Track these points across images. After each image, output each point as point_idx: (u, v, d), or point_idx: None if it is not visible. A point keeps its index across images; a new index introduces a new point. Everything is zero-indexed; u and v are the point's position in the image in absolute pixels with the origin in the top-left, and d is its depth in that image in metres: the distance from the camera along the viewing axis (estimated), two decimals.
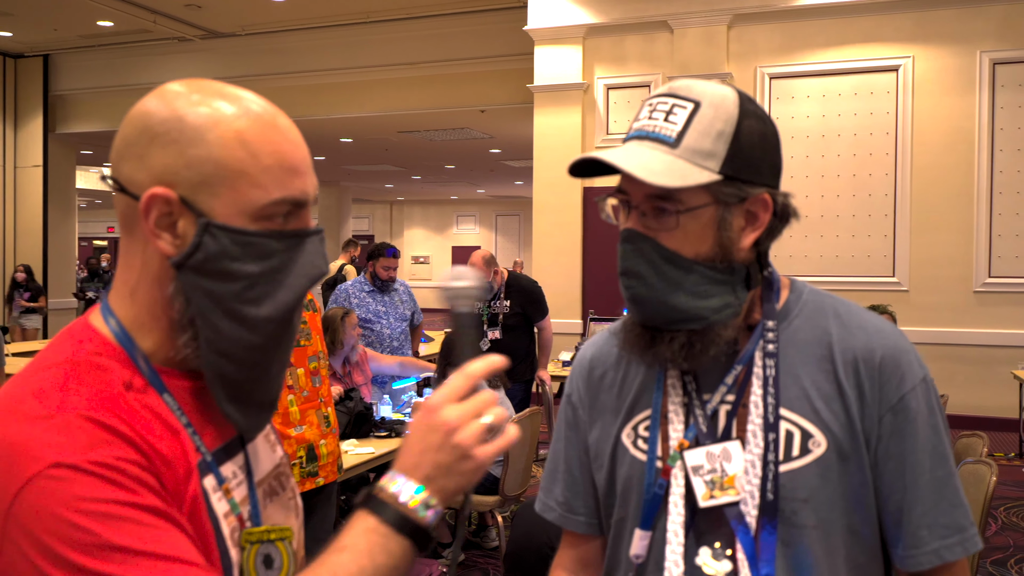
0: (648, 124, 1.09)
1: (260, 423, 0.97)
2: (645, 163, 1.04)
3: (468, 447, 0.88)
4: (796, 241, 8.42)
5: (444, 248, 26.69)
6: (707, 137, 1.06)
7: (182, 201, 0.86)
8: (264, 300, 0.89)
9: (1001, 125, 7.87)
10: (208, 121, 0.87)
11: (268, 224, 0.89)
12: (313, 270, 0.94)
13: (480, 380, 0.92)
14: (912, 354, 1.12)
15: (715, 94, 1.08)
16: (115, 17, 11.14)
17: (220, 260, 0.87)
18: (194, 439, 0.90)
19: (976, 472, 3.13)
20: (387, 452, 4.36)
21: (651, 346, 1.10)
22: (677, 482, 1.11)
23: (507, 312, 5.70)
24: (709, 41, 8.50)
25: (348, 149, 15.01)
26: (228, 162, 0.87)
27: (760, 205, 1.10)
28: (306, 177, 0.93)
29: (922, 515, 1.08)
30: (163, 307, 0.90)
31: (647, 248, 1.07)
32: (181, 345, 0.91)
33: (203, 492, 0.88)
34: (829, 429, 1.08)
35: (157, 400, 0.88)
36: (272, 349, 0.93)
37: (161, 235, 0.88)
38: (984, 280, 7.91)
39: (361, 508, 0.88)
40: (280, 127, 0.91)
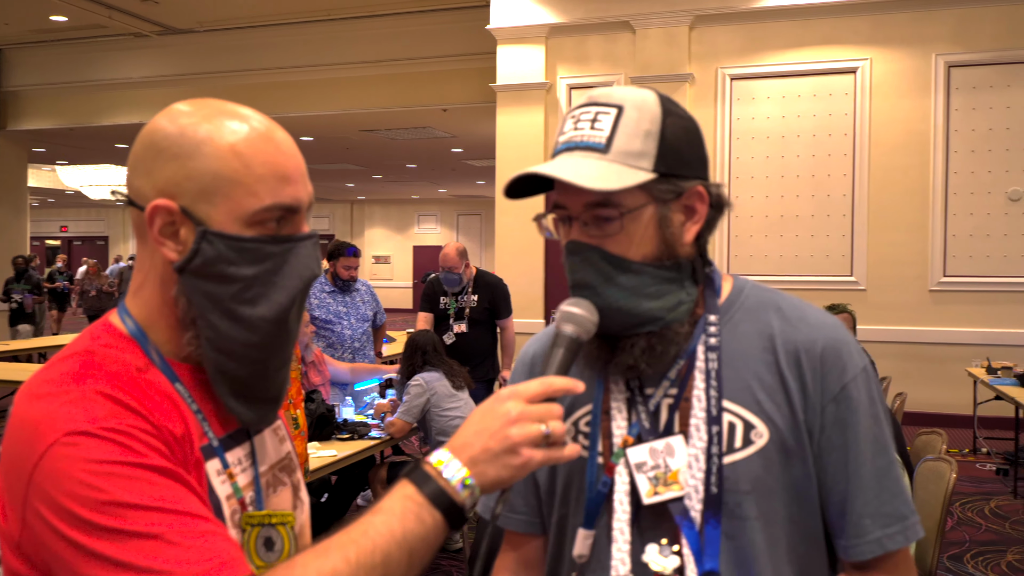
0: (575, 135, 1.10)
1: (264, 418, 1.03)
2: (580, 171, 1.05)
3: (519, 443, 0.92)
4: (756, 241, 8.50)
5: (405, 248, 26.58)
6: (636, 138, 1.07)
7: (183, 211, 0.94)
8: (260, 301, 0.96)
9: (956, 127, 8.01)
10: (207, 136, 0.95)
11: (262, 230, 0.96)
12: (306, 272, 1.00)
13: (557, 393, 0.96)
14: (852, 345, 1.13)
15: (635, 97, 1.10)
16: (69, 12, 10.91)
17: (217, 264, 0.94)
18: (203, 425, 0.97)
19: (936, 469, 3.17)
20: (350, 454, 4.31)
21: (613, 356, 1.11)
22: (622, 479, 1.11)
23: (474, 307, 5.69)
24: (671, 42, 8.55)
25: (309, 148, 14.87)
26: (224, 172, 0.94)
27: (696, 198, 1.12)
28: (298, 185, 0.99)
29: (864, 504, 1.09)
30: (169, 307, 0.98)
31: (594, 257, 1.08)
32: (185, 343, 0.98)
33: (206, 474, 0.94)
34: (771, 420, 1.09)
35: (169, 387, 0.95)
36: (269, 347, 0.99)
37: (165, 243, 0.95)
38: (939, 279, 8.06)
39: (405, 476, 0.92)
40: (274, 139, 0.98)
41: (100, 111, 12.65)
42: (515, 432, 0.92)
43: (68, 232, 29.11)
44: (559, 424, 0.94)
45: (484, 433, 0.93)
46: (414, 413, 4.65)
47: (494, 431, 0.92)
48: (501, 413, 0.93)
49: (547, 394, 0.95)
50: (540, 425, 0.93)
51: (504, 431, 0.92)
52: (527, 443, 0.92)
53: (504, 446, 0.92)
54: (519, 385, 0.96)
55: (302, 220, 1.01)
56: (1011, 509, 5.73)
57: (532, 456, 0.92)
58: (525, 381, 0.97)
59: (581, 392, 0.99)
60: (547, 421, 0.93)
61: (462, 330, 5.63)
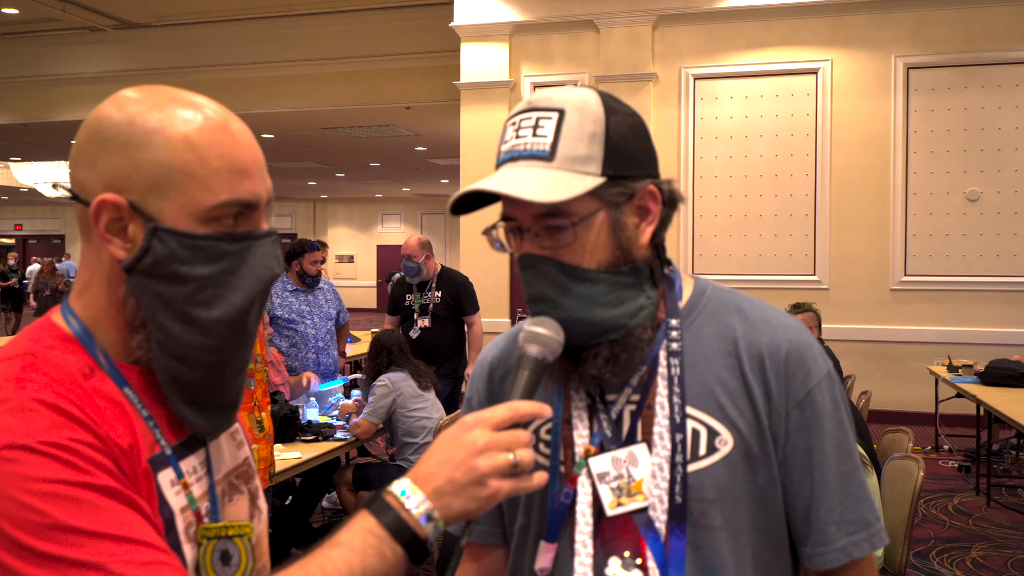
0: (517, 144, 1.05)
1: (219, 426, 0.97)
2: (526, 183, 1.00)
3: (486, 474, 0.88)
4: (719, 240, 8.54)
5: (369, 247, 26.42)
6: (580, 142, 1.02)
7: (131, 206, 0.87)
8: (215, 303, 0.90)
9: (915, 128, 8.11)
10: (157, 125, 0.88)
11: (218, 227, 0.90)
12: (266, 271, 0.93)
13: (524, 419, 0.92)
14: (816, 348, 1.10)
15: (576, 98, 1.05)
16: (21, 4, 10.65)
17: (169, 263, 0.88)
18: (154, 432, 0.90)
19: (904, 467, 3.19)
20: (314, 456, 4.24)
21: (576, 368, 1.07)
22: (584, 490, 1.08)
23: (437, 303, 5.69)
24: (634, 41, 8.56)
25: (269, 145, 14.70)
26: (175, 165, 0.88)
27: (649, 197, 1.07)
28: (256, 179, 0.93)
29: (829, 511, 1.07)
30: (117, 308, 0.91)
31: (549, 269, 1.04)
32: (135, 346, 0.91)
33: (157, 486, 0.88)
34: (735, 426, 1.06)
35: (117, 392, 0.89)
36: (225, 352, 0.92)
37: (112, 240, 0.89)
38: (900, 278, 8.15)
39: (365, 507, 0.88)
40: (230, 130, 0.92)
41: (54, 106, 12.38)
42: (482, 462, 0.88)
43: (23, 231, 28.51)
44: (527, 452, 0.90)
45: (449, 463, 0.88)
46: (380, 414, 4.58)
47: (459, 461, 0.88)
48: (467, 442, 0.89)
49: (514, 420, 0.92)
50: (508, 454, 0.89)
51: (470, 461, 0.88)
52: (494, 474, 0.88)
53: (471, 477, 0.88)
54: (485, 412, 0.92)
55: (260, 217, 0.94)
56: (974, 506, 5.80)
57: (500, 487, 0.89)
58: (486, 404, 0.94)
59: (548, 416, 0.95)
60: (515, 449, 0.90)
61: (426, 325, 5.63)
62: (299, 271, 5.48)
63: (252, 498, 1.07)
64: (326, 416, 4.98)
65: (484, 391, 1.24)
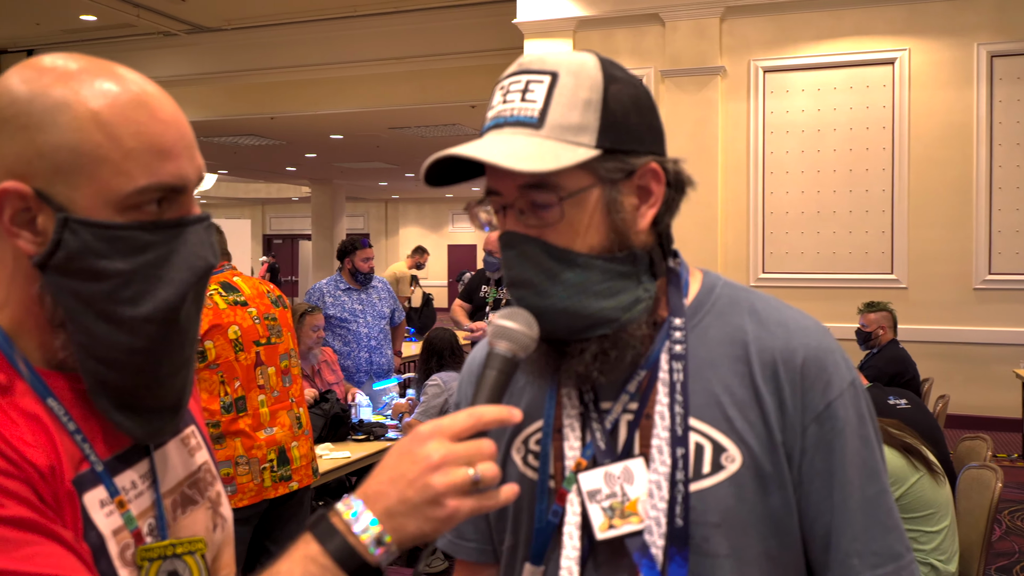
0: (504, 109, 0.94)
1: (159, 430, 0.87)
2: (509, 150, 0.89)
3: (442, 493, 0.77)
4: (791, 238, 8.26)
5: (440, 247, 26.55)
6: (574, 109, 0.91)
7: (38, 195, 0.78)
8: (141, 299, 0.81)
9: (999, 119, 7.71)
10: (60, 102, 0.78)
11: (138, 215, 0.81)
12: (198, 262, 0.84)
13: (489, 426, 0.81)
14: (839, 354, 0.98)
15: (572, 61, 0.94)
16: (98, 11, 10.95)
17: (85, 258, 0.79)
18: (82, 447, 0.81)
19: (980, 477, 2.98)
20: (364, 456, 4.21)
21: (559, 364, 0.94)
22: (573, 509, 0.96)
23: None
24: (701, 34, 8.34)
25: (339, 146, 14.86)
26: (84, 148, 0.78)
27: (650, 176, 0.95)
28: (181, 160, 0.83)
29: (852, 540, 0.94)
30: (36, 306, 0.82)
31: (532, 250, 0.92)
32: (59, 347, 0.83)
33: (82, 508, 0.79)
34: (744, 441, 0.94)
35: (37, 405, 0.80)
36: (157, 352, 0.83)
37: (20, 233, 0.80)
38: (984, 277, 7.75)
39: (308, 529, 0.78)
40: (148, 104, 0.82)
41: None
42: (438, 480, 0.77)
43: None
44: (490, 466, 0.78)
45: (401, 480, 0.77)
46: (431, 414, 4.52)
47: (412, 478, 0.77)
48: (421, 456, 0.78)
49: (476, 428, 0.80)
50: (467, 469, 0.77)
51: (424, 478, 0.77)
52: (452, 492, 0.77)
53: (425, 496, 0.76)
54: (443, 420, 0.80)
55: (190, 201, 0.85)
56: None
57: (459, 506, 0.77)
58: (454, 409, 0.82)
59: (517, 421, 0.82)
60: (476, 463, 0.78)
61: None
62: (351, 269, 5.46)
63: (213, 507, 0.97)
64: (379, 415, 4.94)
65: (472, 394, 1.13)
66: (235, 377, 3.08)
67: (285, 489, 3.22)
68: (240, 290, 3.26)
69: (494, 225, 0.98)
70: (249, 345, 3.16)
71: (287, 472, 3.23)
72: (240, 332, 3.14)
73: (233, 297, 3.20)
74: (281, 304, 3.40)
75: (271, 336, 3.26)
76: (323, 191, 19.54)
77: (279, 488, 3.20)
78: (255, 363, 3.18)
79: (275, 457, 3.19)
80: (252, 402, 3.16)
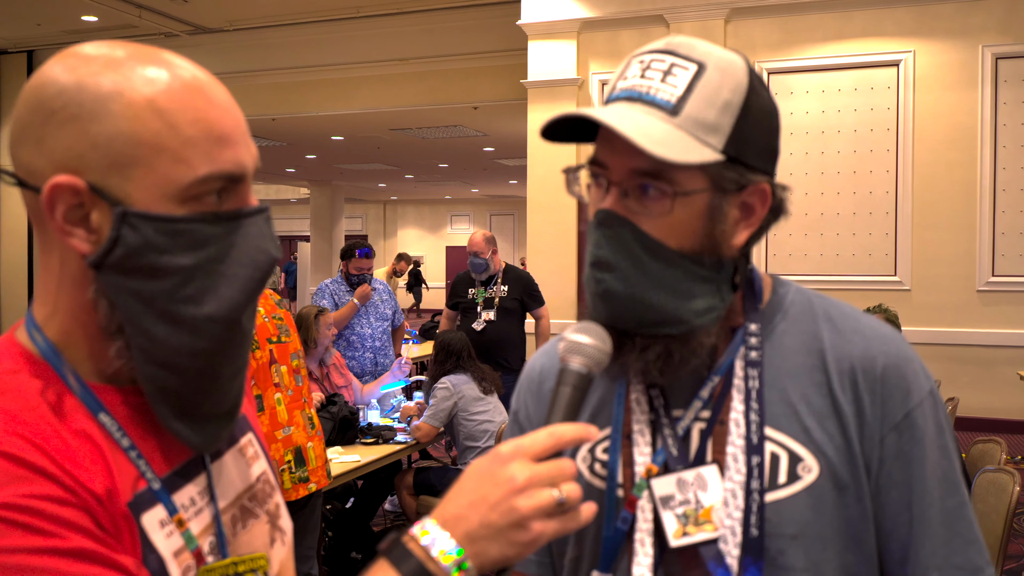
0: (640, 84, 0.90)
1: (216, 437, 0.83)
2: (641, 128, 0.85)
3: (528, 516, 0.74)
4: (795, 239, 8.25)
5: (438, 248, 26.53)
6: (712, 107, 0.88)
7: (92, 189, 0.73)
8: (204, 297, 0.76)
9: (1004, 121, 7.71)
10: (112, 91, 0.73)
11: (199, 206, 0.76)
12: (261, 256, 0.79)
13: (568, 445, 0.78)
14: (918, 363, 0.96)
15: (722, 57, 0.91)
16: (100, 12, 10.92)
17: (145, 254, 0.74)
18: (138, 464, 0.77)
19: (997, 481, 2.96)
20: (373, 460, 4.19)
21: (618, 355, 0.91)
22: (644, 516, 0.94)
23: (504, 296, 5.70)
24: (706, 35, 8.31)
25: (339, 147, 14.83)
26: (142, 136, 0.73)
27: (758, 196, 0.94)
28: (239, 147, 0.79)
29: (931, 554, 0.91)
30: (88, 314, 0.77)
31: (626, 235, 0.90)
32: (113, 356, 0.78)
33: (140, 531, 0.75)
34: (822, 451, 0.91)
35: (90, 423, 0.75)
36: (220, 354, 0.79)
37: (73, 231, 0.75)
38: (987, 279, 7.75)
39: (383, 554, 0.75)
40: (204, 91, 0.78)
41: None
42: (523, 503, 0.73)
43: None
44: (574, 487, 0.76)
45: (483, 504, 0.74)
46: (441, 417, 4.50)
47: (496, 501, 0.74)
48: (504, 478, 0.74)
49: (557, 448, 0.77)
50: (552, 491, 0.75)
51: (509, 501, 0.73)
52: (538, 515, 0.74)
53: (509, 520, 0.73)
54: (523, 440, 0.77)
55: (248, 191, 0.80)
56: None
57: (544, 529, 0.74)
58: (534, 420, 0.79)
59: (595, 439, 0.81)
60: (559, 484, 0.75)
61: (491, 318, 5.64)
62: (346, 271, 5.50)
63: (272, 520, 0.93)
64: (387, 418, 4.92)
65: (533, 405, 1.10)
66: (251, 375, 3.07)
67: (305, 491, 3.21)
68: None
69: (585, 197, 0.96)
70: (264, 343, 3.16)
71: (304, 473, 3.21)
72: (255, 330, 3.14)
73: None
74: (284, 305, 3.42)
75: (280, 335, 3.26)
76: (322, 192, 19.51)
77: (299, 490, 3.19)
78: (270, 361, 3.18)
79: (292, 458, 3.18)
80: (269, 400, 3.15)
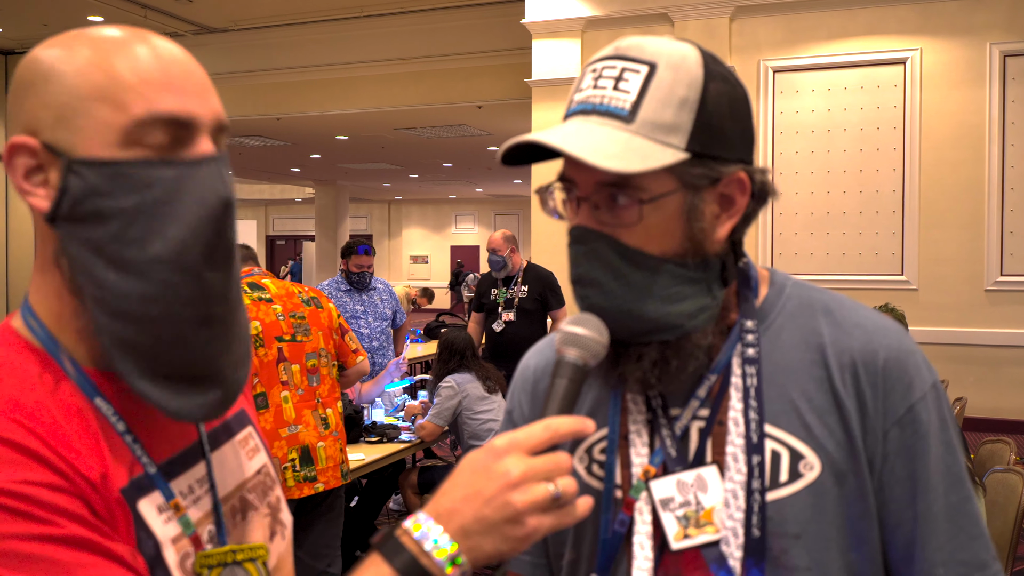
0: (594, 95, 0.89)
1: (197, 404, 0.79)
2: (595, 144, 0.84)
3: (523, 511, 0.73)
4: (802, 238, 8.22)
5: (443, 248, 26.53)
6: (668, 107, 0.86)
7: (45, 147, 0.76)
8: (149, 238, 0.75)
9: (1012, 119, 7.66)
10: (66, 53, 0.77)
11: (144, 151, 0.76)
12: (212, 195, 0.77)
13: (564, 439, 0.77)
14: (919, 356, 0.94)
15: (673, 53, 0.88)
16: (105, 12, 10.94)
17: (90, 199, 0.75)
18: (133, 449, 0.77)
19: (1006, 482, 2.93)
20: (378, 458, 4.17)
21: (616, 366, 0.90)
22: (643, 518, 0.92)
23: (524, 296, 5.65)
24: (711, 34, 8.30)
25: (344, 147, 14.84)
26: (83, 89, 0.76)
27: (736, 186, 0.91)
28: (187, 95, 0.78)
29: (936, 550, 0.90)
30: (61, 281, 0.78)
31: (603, 248, 0.88)
32: (84, 325, 0.78)
33: (136, 517, 0.75)
34: (823, 448, 0.90)
35: (87, 407, 0.76)
36: (172, 300, 0.76)
37: (33, 191, 0.77)
38: (996, 278, 7.71)
39: (376, 548, 0.74)
40: (151, 44, 0.79)
41: None
42: (518, 497, 0.72)
43: None
44: (570, 481, 0.74)
45: (477, 498, 0.73)
46: (445, 416, 4.49)
47: (490, 495, 0.72)
48: (499, 472, 0.73)
49: (553, 441, 0.76)
50: (548, 485, 0.73)
51: (504, 496, 0.72)
52: (533, 510, 0.72)
53: (504, 515, 0.72)
54: (518, 433, 0.75)
55: (203, 139, 0.79)
56: None
57: (539, 524, 0.73)
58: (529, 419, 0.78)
59: (591, 432, 0.78)
60: (555, 478, 0.74)
61: (510, 319, 5.60)
62: (346, 268, 5.51)
63: (273, 512, 0.93)
64: (392, 417, 4.91)
65: (528, 404, 1.08)
66: (253, 373, 3.06)
67: (310, 490, 3.19)
68: (267, 289, 3.26)
69: (563, 215, 0.94)
70: (270, 341, 3.15)
71: (311, 472, 3.19)
72: (261, 328, 3.13)
73: (258, 294, 3.21)
74: (314, 304, 3.38)
75: (296, 334, 3.24)
76: (327, 192, 19.52)
77: (304, 488, 3.17)
78: (277, 359, 3.16)
79: (297, 456, 3.16)
80: (274, 398, 3.13)
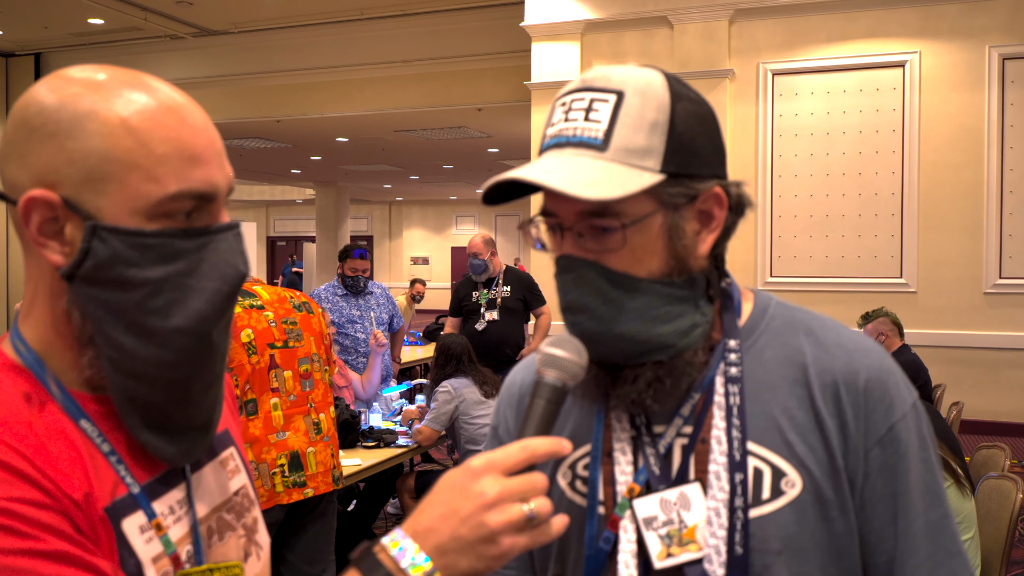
0: (566, 127, 0.91)
1: (190, 451, 0.85)
2: (573, 175, 0.86)
3: (497, 532, 0.75)
4: (799, 242, 8.22)
5: (443, 249, 26.53)
6: (639, 132, 0.89)
7: (65, 203, 0.77)
8: (172, 310, 0.79)
9: (1011, 122, 7.66)
10: (90, 109, 0.77)
11: (169, 222, 0.79)
12: (230, 270, 0.82)
13: (540, 459, 0.79)
14: (899, 376, 0.96)
15: (639, 79, 0.91)
16: (106, 15, 10.95)
17: (114, 267, 0.77)
18: (118, 469, 0.80)
19: (1000, 488, 2.94)
20: (375, 463, 4.18)
21: (612, 388, 0.92)
22: (627, 537, 0.93)
23: (507, 296, 5.82)
24: (710, 37, 8.30)
25: (344, 149, 14.85)
26: (114, 153, 0.77)
27: (713, 201, 0.93)
28: (211, 167, 0.82)
29: (916, 567, 0.92)
30: (63, 323, 0.80)
31: (591, 275, 0.90)
32: (85, 364, 0.81)
33: (118, 536, 0.77)
34: (805, 466, 0.91)
35: (71, 428, 0.78)
36: (188, 366, 0.81)
37: (47, 243, 0.78)
38: (995, 281, 7.71)
39: (353, 564, 0.76)
40: (177, 111, 0.81)
41: None
42: (493, 518, 0.74)
43: None
44: (544, 502, 0.76)
45: (453, 517, 0.75)
46: (442, 421, 4.49)
47: (466, 515, 0.74)
48: (475, 493, 0.75)
49: (529, 462, 0.78)
50: (523, 505, 0.75)
51: (479, 516, 0.74)
52: (508, 530, 0.74)
53: (479, 534, 0.74)
54: (495, 454, 0.78)
55: (220, 209, 0.83)
56: None
57: (514, 544, 0.75)
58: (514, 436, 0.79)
59: (567, 453, 0.80)
60: (530, 499, 0.76)
61: (494, 318, 5.74)
62: (342, 272, 5.54)
63: (248, 534, 0.95)
64: (389, 421, 4.92)
65: (513, 419, 1.10)
66: (245, 380, 3.06)
67: (299, 495, 3.19)
68: (258, 296, 3.25)
69: (547, 246, 0.96)
70: (263, 348, 3.14)
71: (300, 478, 3.19)
72: (253, 335, 3.12)
73: (249, 301, 3.19)
74: (305, 309, 3.37)
75: (288, 340, 3.23)
76: (327, 193, 19.53)
77: (292, 494, 3.17)
78: (269, 366, 3.16)
79: (286, 462, 3.16)
80: (264, 405, 3.13)
